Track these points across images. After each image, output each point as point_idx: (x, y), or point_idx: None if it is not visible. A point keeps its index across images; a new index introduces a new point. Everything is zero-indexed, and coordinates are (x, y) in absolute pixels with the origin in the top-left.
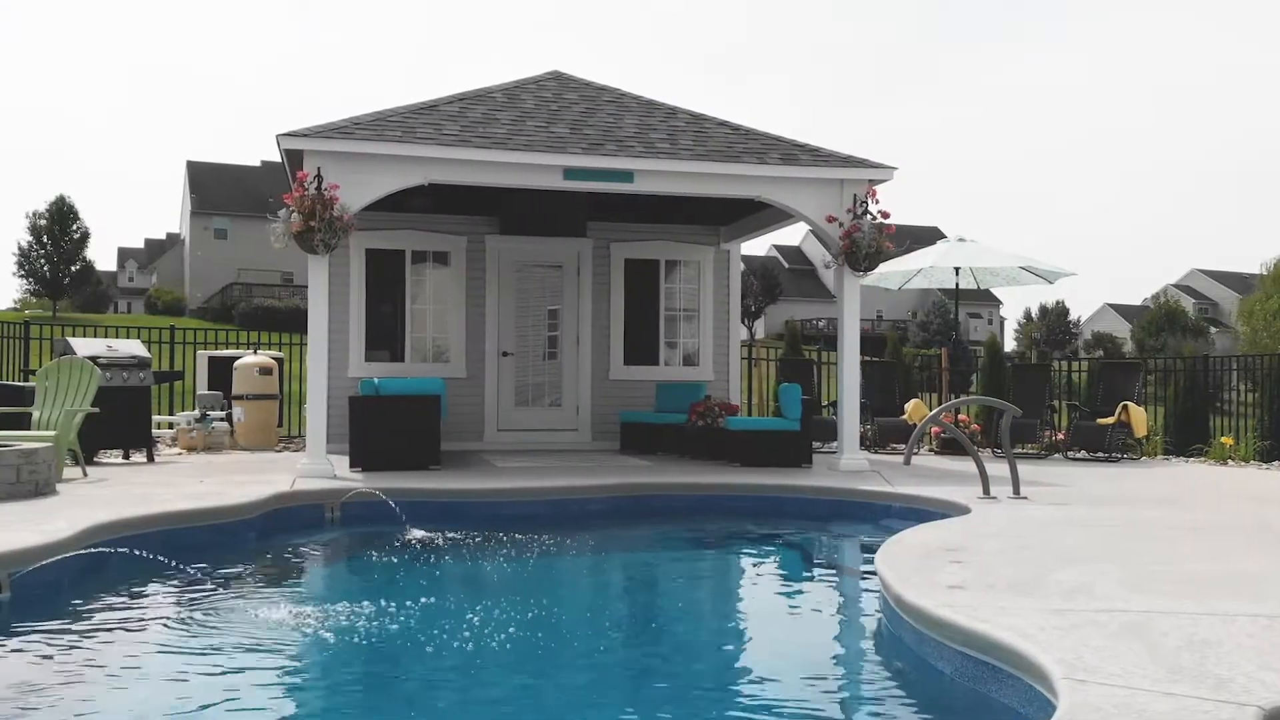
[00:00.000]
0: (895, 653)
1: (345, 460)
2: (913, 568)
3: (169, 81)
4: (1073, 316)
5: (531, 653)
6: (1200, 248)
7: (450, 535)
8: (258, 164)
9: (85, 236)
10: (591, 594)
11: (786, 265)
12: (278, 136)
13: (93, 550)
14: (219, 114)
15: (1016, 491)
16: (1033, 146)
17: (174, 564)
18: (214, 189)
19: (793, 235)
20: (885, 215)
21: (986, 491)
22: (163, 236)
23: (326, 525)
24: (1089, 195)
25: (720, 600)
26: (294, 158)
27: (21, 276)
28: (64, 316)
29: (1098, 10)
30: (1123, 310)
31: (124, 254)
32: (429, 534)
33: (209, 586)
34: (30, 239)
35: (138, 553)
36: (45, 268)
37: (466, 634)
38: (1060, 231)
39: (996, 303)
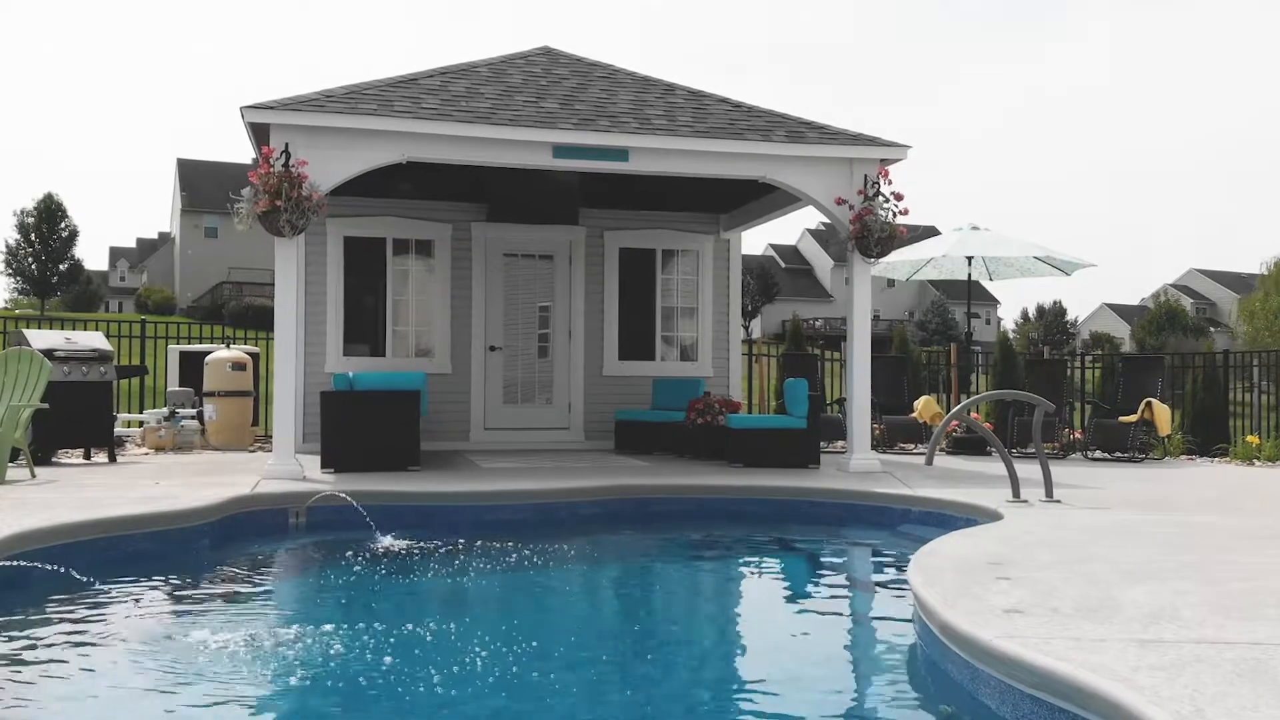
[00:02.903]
0: (940, 691)
1: (318, 461)
2: (956, 586)
3: (164, 80)
4: (1070, 316)
5: (510, 684)
6: (1197, 248)
7: (424, 543)
8: (249, 162)
9: (74, 235)
10: (579, 612)
11: (783, 265)
12: (242, 109)
13: (11, 563)
14: (213, 112)
15: (1049, 495)
16: (1029, 147)
17: (92, 580)
18: (204, 187)
19: (790, 234)
20: (898, 197)
21: (1017, 495)
22: (155, 236)
23: (290, 532)
24: (1086, 195)
25: (724, 622)
26: (260, 132)
27: (9, 275)
28: (53, 315)
29: (1097, 10)
30: (1120, 310)
31: (115, 253)
32: (400, 542)
33: (139, 603)
34: (18, 237)
35: (50, 567)
36: (33, 266)
37: (433, 663)
38: (1057, 231)
39: (994, 302)
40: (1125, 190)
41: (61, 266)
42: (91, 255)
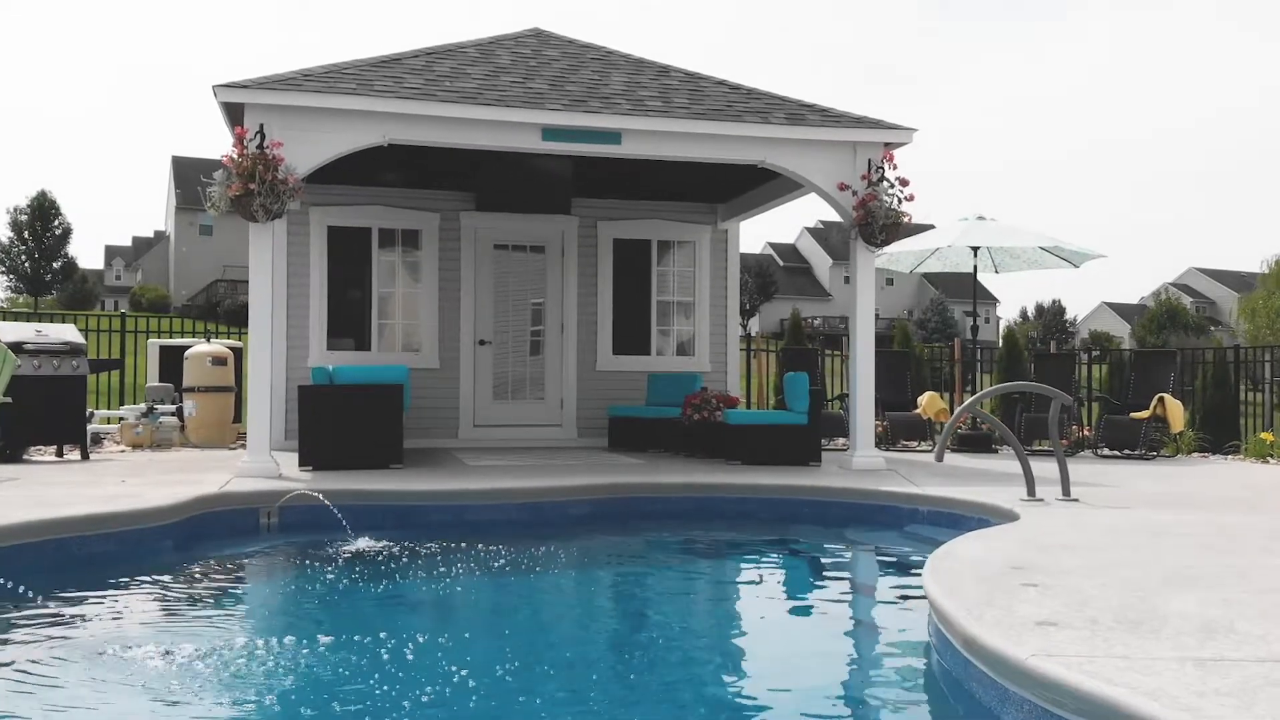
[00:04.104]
0: (962, 713)
1: (297, 458)
2: (980, 595)
3: (160, 77)
4: (1069, 315)
5: (488, 709)
6: (1197, 247)
7: (401, 546)
8: None
9: (67, 232)
10: (565, 624)
11: (781, 263)
12: (214, 87)
13: None
14: (209, 109)
15: (1066, 493)
16: (1028, 147)
17: (28, 586)
18: (199, 185)
19: (788, 233)
20: (904, 182)
21: (1032, 493)
22: (150, 235)
23: (260, 533)
24: (1085, 195)
25: (723, 636)
26: (234, 113)
27: (3, 273)
28: (46, 313)
29: (1096, 9)
30: (1120, 309)
31: (111, 252)
32: (375, 544)
33: (77, 612)
34: (11, 235)
35: None
36: (26, 264)
37: (398, 683)
38: (1056, 231)
39: (994, 301)
40: (1124, 189)
41: (55, 264)
42: (88, 254)
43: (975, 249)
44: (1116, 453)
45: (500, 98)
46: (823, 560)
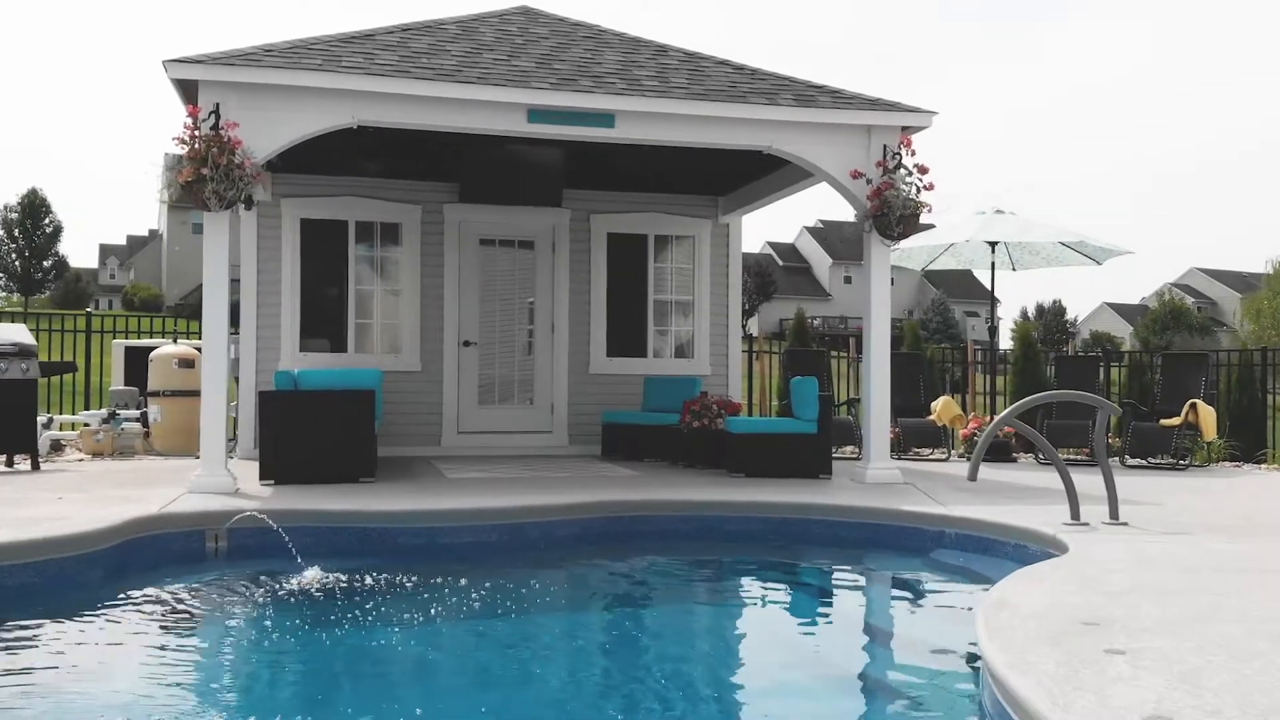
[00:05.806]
0: None
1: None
2: (1058, 668)
3: (158, 76)
4: (1070, 315)
5: None
6: (1197, 247)
7: (356, 578)
8: None
9: (58, 230)
10: (542, 674)
11: (781, 263)
12: (165, 63)
13: None
14: None
15: (1114, 515)
16: (1027, 149)
17: None
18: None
19: (788, 233)
20: (923, 170)
21: (1076, 516)
22: (145, 233)
23: (205, 559)
24: (1085, 194)
25: (719, 701)
26: (189, 91)
27: None
28: (36, 312)
29: (1096, 10)
30: (1122, 310)
31: (105, 250)
32: (327, 575)
33: None
34: (1, 233)
35: None
36: (16, 263)
37: None
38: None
39: (995, 300)
40: (1125, 189)
41: (46, 263)
42: (84, 253)
43: (993, 244)
44: (1144, 461)
45: (482, 76)
46: (842, 597)
